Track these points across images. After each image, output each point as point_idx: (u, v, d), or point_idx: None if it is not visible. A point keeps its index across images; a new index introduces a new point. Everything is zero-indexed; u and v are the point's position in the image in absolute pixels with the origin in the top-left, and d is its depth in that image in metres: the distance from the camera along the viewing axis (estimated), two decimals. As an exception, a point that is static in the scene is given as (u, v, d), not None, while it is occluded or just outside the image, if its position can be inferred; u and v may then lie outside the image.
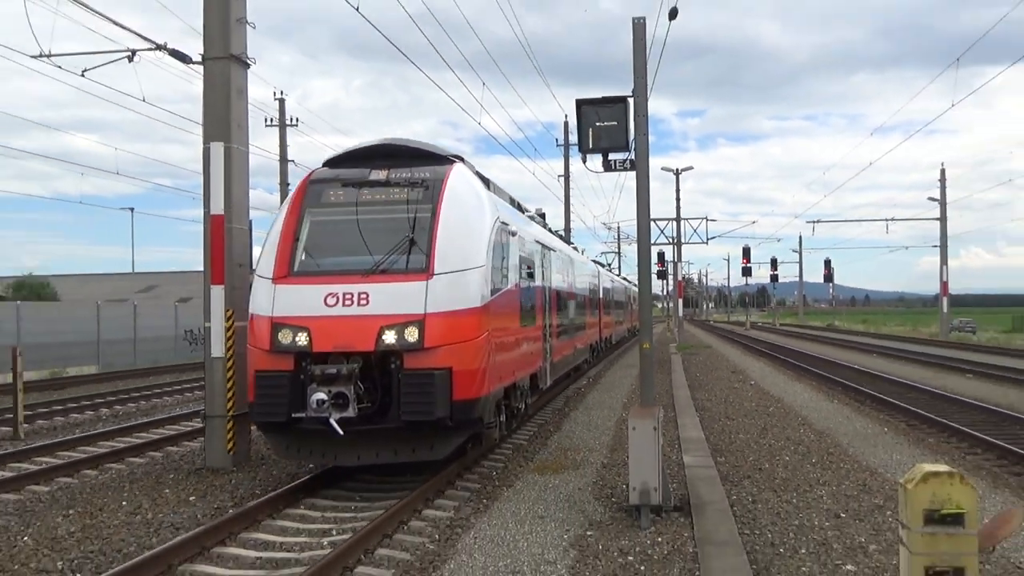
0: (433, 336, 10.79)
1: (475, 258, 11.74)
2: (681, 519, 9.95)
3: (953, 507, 4.41)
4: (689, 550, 8.77)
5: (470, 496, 11.56)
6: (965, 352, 45.97)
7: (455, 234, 11.63)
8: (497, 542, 9.22)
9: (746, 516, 10.24)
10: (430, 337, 10.76)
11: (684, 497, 10.86)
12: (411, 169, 12.43)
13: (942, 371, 33.32)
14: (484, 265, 11.84)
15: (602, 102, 11.00)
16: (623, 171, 11.41)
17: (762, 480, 12.36)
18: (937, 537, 4.42)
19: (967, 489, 4.45)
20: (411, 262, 11.49)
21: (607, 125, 10.87)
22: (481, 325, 11.53)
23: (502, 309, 13.07)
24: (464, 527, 9.90)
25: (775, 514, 10.36)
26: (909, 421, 18.85)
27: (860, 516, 10.19)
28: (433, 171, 12.40)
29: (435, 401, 10.45)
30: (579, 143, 11.15)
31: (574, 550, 8.88)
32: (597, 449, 15.09)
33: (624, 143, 10.98)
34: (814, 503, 10.89)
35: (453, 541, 9.31)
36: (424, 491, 11.20)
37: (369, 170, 12.49)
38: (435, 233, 11.51)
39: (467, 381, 11.03)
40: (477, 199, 12.66)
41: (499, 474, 13.08)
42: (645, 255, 11.37)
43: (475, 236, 12.00)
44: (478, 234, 12.07)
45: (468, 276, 11.48)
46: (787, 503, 10.91)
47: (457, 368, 10.84)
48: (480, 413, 11.40)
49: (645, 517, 9.74)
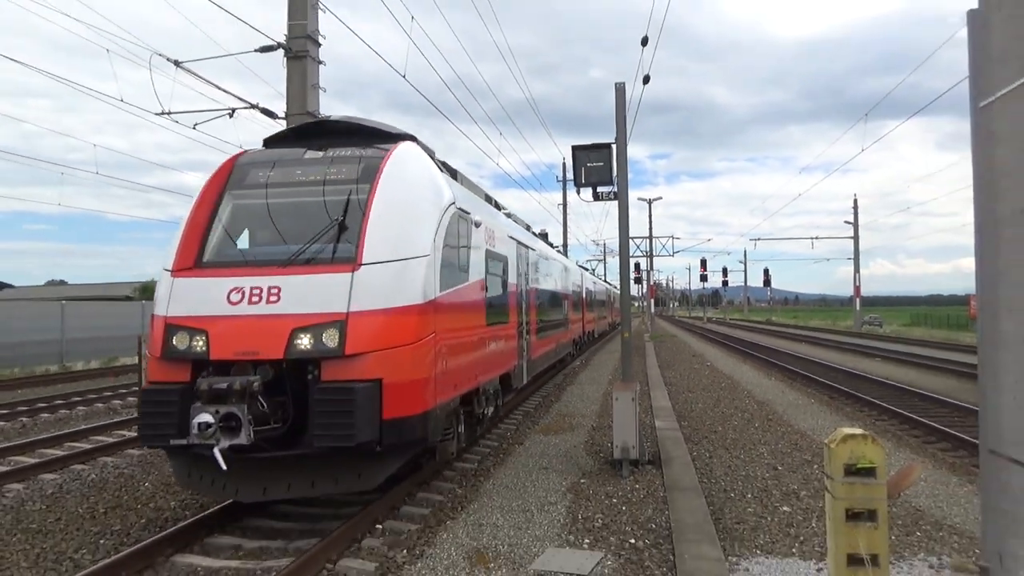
0: (358, 340, 7.03)
1: (418, 246, 7.77)
2: (653, 470, 9.86)
3: (867, 462, 4.34)
4: (660, 494, 8.70)
5: (490, 452, 11.51)
6: (874, 341, 45.60)
7: (393, 218, 7.77)
8: (511, 487, 9.17)
9: (704, 468, 10.14)
10: (354, 342, 7.00)
11: (656, 453, 10.78)
12: (353, 148, 8.79)
13: (856, 355, 33.02)
14: (430, 255, 7.84)
15: (592, 147, 10.96)
16: (608, 200, 11.35)
17: (716, 440, 12.24)
18: (855, 486, 4.35)
19: (877, 448, 4.39)
20: (338, 251, 7.66)
21: (596, 165, 10.84)
22: (424, 326, 7.60)
23: (460, 306, 9.05)
24: (486, 476, 9.85)
25: (727, 467, 10.26)
26: (830, 394, 18.67)
27: (793, 469, 10.08)
28: (377, 150, 8.65)
29: (355, 422, 6.70)
30: (574, 179, 11.08)
31: (571, 494, 8.81)
32: (588, 415, 15.00)
33: (609, 179, 10.94)
34: (757, 458, 10.78)
35: (477, 487, 9.27)
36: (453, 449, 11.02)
37: (305, 150, 8.89)
38: (367, 216, 7.70)
39: (403, 395, 7.21)
40: (426, 180, 8.57)
41: (512, 435, 13.00)
42: (625, 264, 11.29)
43: (420, 221, 8.00)
44: (424, 219, 8.06)
45: (408, 267, 7.58)
46: (736, 458, 10.80)
47: (390, 380, 7.08)
48: (422, 432, 7.46)
49: (626, 468, 9.67)
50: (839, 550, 4.34)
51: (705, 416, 14.87)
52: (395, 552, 6.86)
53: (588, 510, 8.12)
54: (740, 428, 13.39)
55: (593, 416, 14.86)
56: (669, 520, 7.61)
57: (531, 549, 6.90)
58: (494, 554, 6.76)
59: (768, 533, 7.34)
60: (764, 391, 19.18)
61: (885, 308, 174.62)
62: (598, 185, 11.01)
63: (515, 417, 14.94)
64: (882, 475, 4.37)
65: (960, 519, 7.84)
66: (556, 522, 7.71)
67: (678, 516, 7.66)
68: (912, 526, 7.56)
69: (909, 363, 27.94)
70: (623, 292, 11.50)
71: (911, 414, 14.65)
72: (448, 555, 6.75)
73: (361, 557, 6.77)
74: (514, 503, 8.43)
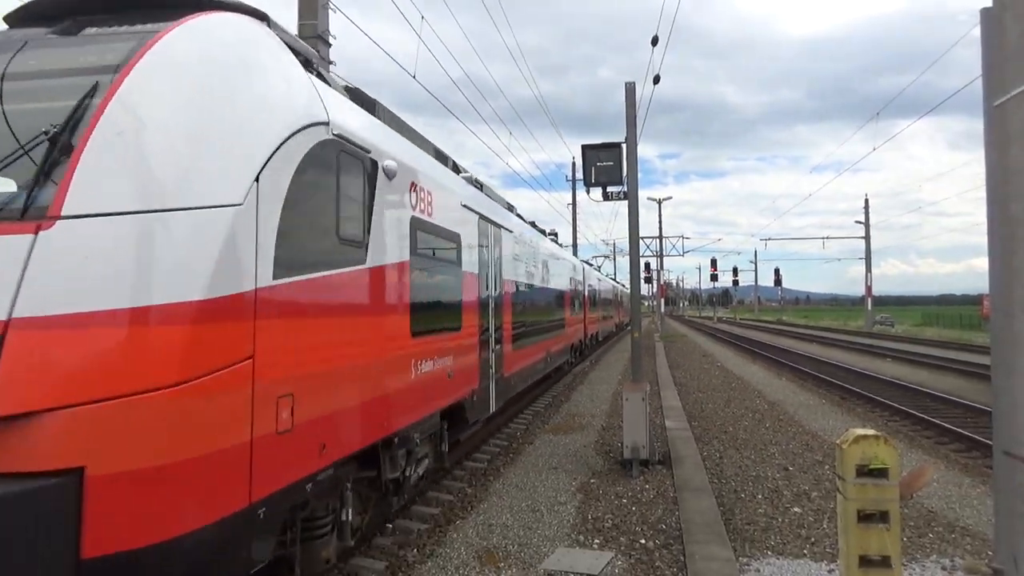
0: (23, 384, 3.40)
1: (212, 187, 4.15)
2: (664, 470, 9.84)
3: (879, 463, 4.32)
4: (670, 494, 8.68)
5: (500, 451, 11.51)
6: (885, 341, 45.32)
7: (152, 134, 4.10)
8: (520, 487, 9.16)
9: (715, 468, 10.11)
10: (14, 387, 3.37)
11: (666, 453, 10.75)
12: (128, 25, 4.81)
13: (867, 356, 32.83)
14: (244, 205, 4.24)
15: (602, 147, 10.93)
16: (618, 200, 11.31)
17: (727, 440, 12.20)
18: (867, 487, 4.33)
19: (890, 449, 4.36)
20: (35, 194, 3.84)
21: (606, 165, 10.80)
22: (219, 345, 4.02)
23: (336, 306, 5.39)
24: (495, 475, 9.85)
25: (737, 467, 10.22)
26: (842, 395, 18.57)
27: (804, 469, 10.03)
28: (160, 26, 4.62)
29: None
30: (584, 178, 11.06)
31: (580, 494, 8.80)
32: (598, 415, 14.97)
33: (619, 179, 10.91)
34: (768, 459, 10.73)
35: (486, 486, 9.27)
36: (465, 448, 11.06)
37: (47, 30, 4.96)
38: (92, 128, 3.95)
39: (145, 500, 3.58)
40: (250, 75, 4.82)
41: (522, 434, 13.00)
42: (636, 264, 11.26)
43: (225, 143, 4.34)
44: (236, 140, 4.41)
45: (176, 225, 3.94)
46: (747, 459, 10.75)
47: (105, 469, 3.46)
48: (212, 566, 4.03)
49: (636, 468, 9.65)
50: (851, 551, 4.32)
51: (716, 416, 14.82)
52: (405, 551, 6.88)
53: (598, 510, 8.11)
54: (751, 428, 13.33)
55: (603, 416, 14.83)
56: (679, 520, 7.59)
57: (541, 549, 6.89)
58: (504, 554, 6.77)
59: (779, 534, 7.31)
60: (775, 391, 19.09)
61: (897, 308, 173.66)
62: (608, 185, 10.98)
63: (525, 417, 14.94)
64: (895, 476, 4.34)
65: (973, 520, 7.78)
66: (566, 522, 7.70)
67: (688, 516, 7.64)
68: (925, 528, 7.52)
69: (921, 363, 27.76)
70: (633, 292, 11.47)
71: (924, 415, 14.56)
72: (458, 554, 6.76)
73: (372, 556, 6.78)
74: (524, 503, 8.43)
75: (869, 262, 61.34)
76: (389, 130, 7.26)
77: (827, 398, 17.85)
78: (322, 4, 14.23)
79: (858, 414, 15.41)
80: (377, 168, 6.27)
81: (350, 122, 5.87)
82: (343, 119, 5.70)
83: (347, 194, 5.65)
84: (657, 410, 15.08)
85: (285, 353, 4.62)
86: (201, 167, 4.19)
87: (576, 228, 47.19)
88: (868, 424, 13.77)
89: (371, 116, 6.87)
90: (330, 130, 5.37)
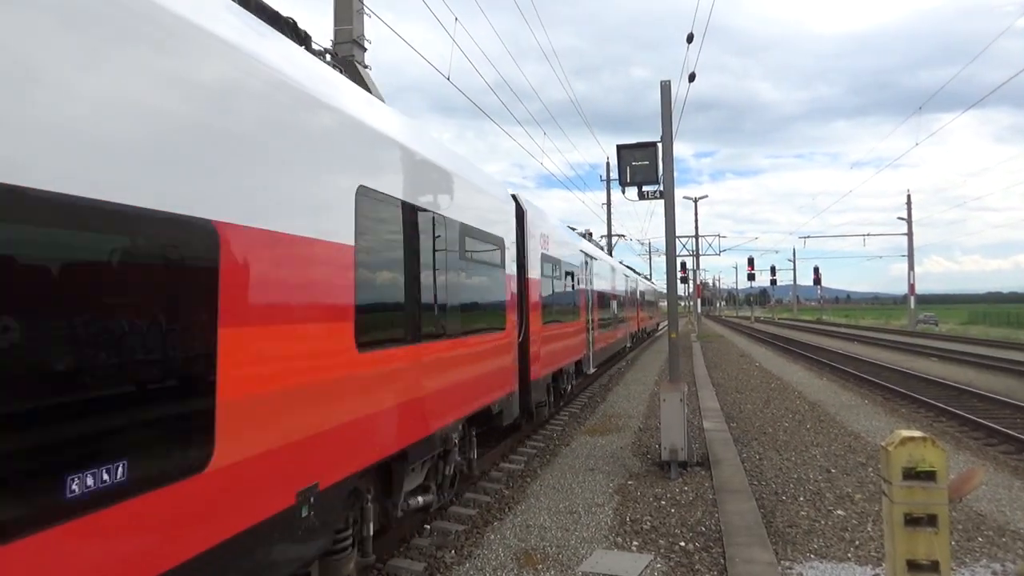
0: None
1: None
2: (702, 472, 9.73)
3: (927, 466, 4.22)
4: (709, 497, 8.58)
5: (536, 452, 11.49)
6: (929, 340, 44.26)
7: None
8: (557, 488, 9.14)
9: (754, 470, 9.97)
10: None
11: (704, 455, 10.64)
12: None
13: (911, 355, 32.08)
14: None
15: (637, 146, 10.86)
16: (653, 199, 11.22)
17: (766, 441, 12.02)
18: (914, 490, 4.23)
19: (938, 451, 4.26)
20: None
21: (641, 164, 10.74)
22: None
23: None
24: (532, 477, 9.84)
25: (778, 469, 10.06)
26: (885, 395, 18.17)
27: (847, 471, 9.84)
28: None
29: None
30: (619, 178, 10.99)
31: (618, 496, 8.75)
32: (635, 416, 14.87)
33: (655, 178, 10.83)
34: (809, 461, 10.55)
35: (523, 488, 9.27)
36: (501, 449, 11.11)
37: None
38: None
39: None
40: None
41: (558, 436, 12.97)
42: (672, 264, 11.17)
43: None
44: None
45: None
46: (787, 460, 10.58)
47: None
48: None
49: (674, 470, 9.56)
50: (898, 556, 4.22)
51: (754, 417, 14.62)
52: (443, 552, 6.90)
53: (636, 512, 8.05)
54: (791, 430, 13.12)
55: (639, 417, 14.72)
56: (719, 523, 7.50)
57: (579, 551, 6.87)
58: (542, 556, 6.75)
59: (822, 537, 7.18)
60: (815, 392, 18.76)
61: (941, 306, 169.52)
62: (644, 184, 10.91)
63: (561, 418, 14.90)
64: (942, 479, 4.24)
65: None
66: (604, 524, 7.66)
67: (728, 519, 7.55)
68: (974, 531, 7.31)
69: (967, 362, 27.04)
70: (670, 292, 11.37)
71: (971, 415, 14.17)
72: (496, 556, 6.77)
73: (410, 556, 6.82)
74: (561, 504, 8.40)
75: (912, 259, 60.00)
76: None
77: (870, 398, 17.48)
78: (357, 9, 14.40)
79: (902, 415, 15.07)
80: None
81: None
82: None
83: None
84: (695, 411, 14.92)
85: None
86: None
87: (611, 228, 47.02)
88: (913, 425, 13.47)
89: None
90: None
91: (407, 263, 6.11)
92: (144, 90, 3.25)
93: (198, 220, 3.52)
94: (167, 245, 3.32)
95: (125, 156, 3.11)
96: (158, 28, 3.37)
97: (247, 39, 4.17)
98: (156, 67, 3.34)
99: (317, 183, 4.66)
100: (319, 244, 4.60)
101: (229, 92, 3.87)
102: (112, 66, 3.09)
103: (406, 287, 6.07)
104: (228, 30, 3.98)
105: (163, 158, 3.33)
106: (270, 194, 4.15)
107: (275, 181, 4.21)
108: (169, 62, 3.42)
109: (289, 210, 4.31)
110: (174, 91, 3.43)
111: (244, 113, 3.96)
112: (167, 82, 3.39)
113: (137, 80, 3.21)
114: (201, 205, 3.55)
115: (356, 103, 5.55)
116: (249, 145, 3.98)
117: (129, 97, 3.16)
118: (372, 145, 5.57)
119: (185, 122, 3.49)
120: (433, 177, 6.90)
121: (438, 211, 6.94)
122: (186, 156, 3.48)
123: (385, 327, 5.65)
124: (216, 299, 3.62)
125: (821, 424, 13.64)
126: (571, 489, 9.10)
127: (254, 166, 4.02)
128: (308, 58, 5.16)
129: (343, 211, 4.98)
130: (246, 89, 4.01)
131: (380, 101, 6.69)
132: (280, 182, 4.25)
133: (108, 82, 3.06)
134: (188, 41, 3.57)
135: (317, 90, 4.83)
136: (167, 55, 3.41)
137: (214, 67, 3.76)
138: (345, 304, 4.91)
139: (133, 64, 3.20)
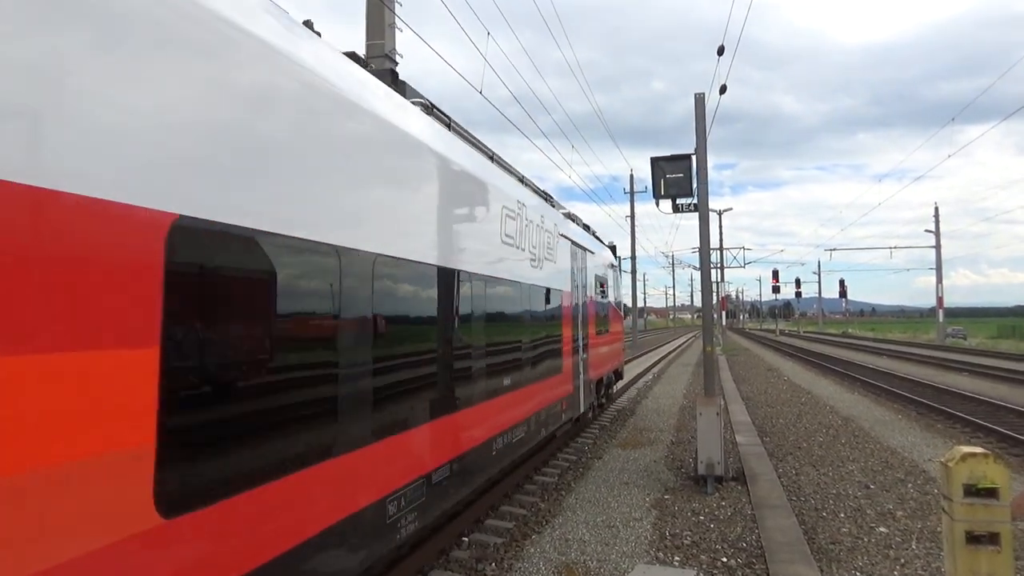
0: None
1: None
2: (738, 487, 9.63)
3: (988, 482, 4.13)
4: (748, 512, 8.48)
5: (569, 466, 11.43)
6: (959, 354, 43.48)
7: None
8: (593, 502, 9.08)
9: (792, 486, 9.84)
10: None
11: (739, 469, 10.53)
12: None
13: (941, 370, 31.53)
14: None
15: (671, 159, 10.84)
16: (687, 212, 11.17)
17: (802, 456, 11.87)
18: (975, 507, 4.14)
19: (1000, 467, 4.17)
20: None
21: (675, 176, 10.71)
22: None
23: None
24: (567, 490, 9.79)
25: (815, 484, 9.93)
26: (919, 410, 17.86)
27: (887, 488, 9.68)
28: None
29: None
30: (653, 190, 10.97)
31: (655, 510, 8.67)
32: (666, 429, 14.75)
33: (688, 190, 10.79)
34: (847, 476, 10.40)
35: (559, 501, 9.21)
36: (533, 462, 11.03)
37: None
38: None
39: None
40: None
41: (590, 449, 12.90)
42: (706, 276, 11.10)
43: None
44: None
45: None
46: (824, 476, 10.44)
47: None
48: None
49: (710, 484, 9.47)
50: (960, 574, 4.13)
51: (788, 431, 14.45)
52: (484, 564, 6.87)
53: (675, 527, 7.97)
54: (826, 444, 12.94)
55: (671, 430, 14.61)
56: (760, 538, 7.41)
57: (620, 565, 6.81)
58: (584, 569, 6.70)
59: (866, 554, 7.06)
60: (847, 406, 18.50)
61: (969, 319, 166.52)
62: (678, 196, 10.88)
63: (592, 431, 14.83)
64: (1005, 496, 4.15)
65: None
66: (643, 538, 7.59)
67: (769, 535, 7.45)
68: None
69: (999, 377, 26.52)
70: (704, 306, 11.30)
71: (1008, 431, 13.88)
72: (537, 569, 6.73)
73: (451, 569, 6.80)
74: (598, 518, 8.34)
75: (940, 272, 59.15)
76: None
77: (903, 413, 17.21)
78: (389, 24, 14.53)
79: (938, 430, 14.81)
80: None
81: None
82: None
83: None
84: (727, 425, 14.77)
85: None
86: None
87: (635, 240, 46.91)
88: (950, 441, 13.23)
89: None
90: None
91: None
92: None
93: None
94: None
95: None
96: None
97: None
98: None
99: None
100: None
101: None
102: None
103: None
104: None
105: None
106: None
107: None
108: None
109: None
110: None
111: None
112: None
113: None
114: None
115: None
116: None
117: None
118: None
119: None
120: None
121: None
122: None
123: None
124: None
125: (856, 439, 13.44)
126: (607, 503, 9.03)
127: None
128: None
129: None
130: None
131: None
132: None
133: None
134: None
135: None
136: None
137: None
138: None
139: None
